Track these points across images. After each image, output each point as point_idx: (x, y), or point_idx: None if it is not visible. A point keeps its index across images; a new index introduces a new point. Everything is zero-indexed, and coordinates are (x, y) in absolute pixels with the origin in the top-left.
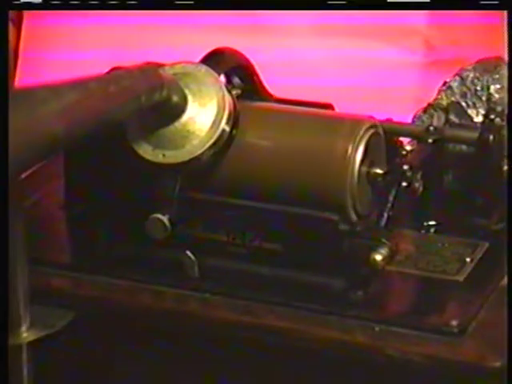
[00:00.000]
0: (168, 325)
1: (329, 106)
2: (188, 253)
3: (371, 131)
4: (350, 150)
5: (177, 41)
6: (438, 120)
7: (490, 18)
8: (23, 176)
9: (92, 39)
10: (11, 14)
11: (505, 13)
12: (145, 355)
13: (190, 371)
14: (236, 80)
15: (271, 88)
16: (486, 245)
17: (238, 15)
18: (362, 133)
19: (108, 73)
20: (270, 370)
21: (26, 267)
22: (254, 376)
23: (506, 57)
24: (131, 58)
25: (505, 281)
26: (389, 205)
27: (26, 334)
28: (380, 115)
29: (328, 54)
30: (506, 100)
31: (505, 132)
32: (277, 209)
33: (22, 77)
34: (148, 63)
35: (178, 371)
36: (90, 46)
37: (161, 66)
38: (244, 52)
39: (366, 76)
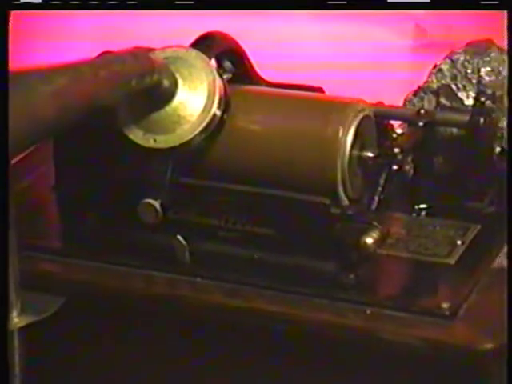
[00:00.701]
0: (159, 309)
1: (319, 90)
2: (179, 237)
3: (362, 114)
4: (340, 134)
5: (167, 25)
6: (428, 103)
7: None
8: (13, 160)
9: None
10: None
11: (505, 13)
12: (136, 340)
13: (182, 355)
14: (227, 64)
15: (263, 69)
16: (478, 227)
17: None
18: (352, 116)
19: (98, 57)
20: (261, 354)
21: (16, 253)
22: (245, 360)
23: (499, 44)
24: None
25: (497, 262)
26: (380, 188)
27: (16, 320)
28: (370, 98)
29: (319, 38)
30: (497, 84)
31: (495, 114)
32: (268, 193)
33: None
34: (138, 47)
35: (169, 355)
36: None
37: (151, 50)
38: (238, 34)
39: (357, 59)
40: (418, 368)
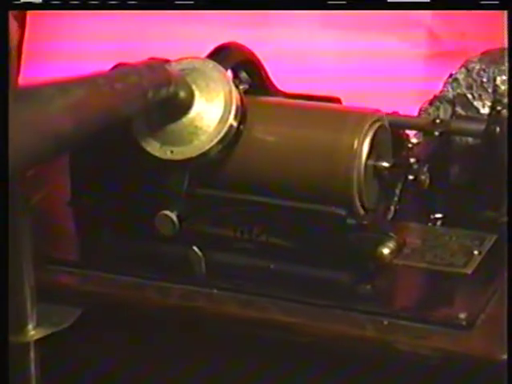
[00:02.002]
0: (175, 321)
1: (336, 100)
2: (195, 248)
3: (377, 124)
4: (356, 144)
5: (178, 33)
6: (444, 112)
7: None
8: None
9: (94, 32)
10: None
11: (505, 13)
12: (152, 351)
13: (197, 366)
14: (243, 75)
15: (274, 79)
16: (494, 237)
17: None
18: (368, 126)
19: (112, 69)
20: (277, 365)
21: (32, 265)
22: (261, 371)
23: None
24: (134, 50)
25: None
26: (395, 198)
27: (33, 332)
28: (385, 108)
29: (332, 46)
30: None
31: None
32: (284, 204)
33: (26, 69)
34: (153, 59)
35: (185, 367)
36: (93, 38)
37: (167, 61)
38: (246, 43)
39: (371, 68)
40: (436, 379)
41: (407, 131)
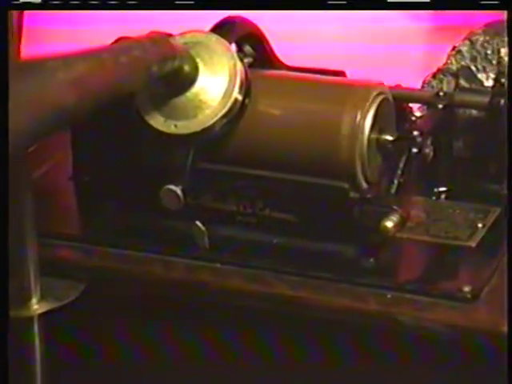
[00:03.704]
0: (179, 295)
1: (341, 73)
2: (198, 223)
3: (380, 98)
4: (359, 117)
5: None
6: (447, 85)
7: None
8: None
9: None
10: None
11: (505, 13)
12: (156, 326)
13: (202, 341)
14: (247, 48)
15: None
16: (498, 210)
17: None
18: (371, 99)
19: (115, 43)
20: (282, 340)
21: (36, 239)
22: (266, 345)
23: None
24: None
25: None
26: (399, 171)
27: (36, 306)
28: (389, 81)
29: (334, 19)
30: None
31: None
32: (287, 177)
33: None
34: (155, 32)
35: (189, 341)
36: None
37: (170, 35)
38: (253, 21)
39: (374, 42)
40: (440, 352)
41: (410, 104)
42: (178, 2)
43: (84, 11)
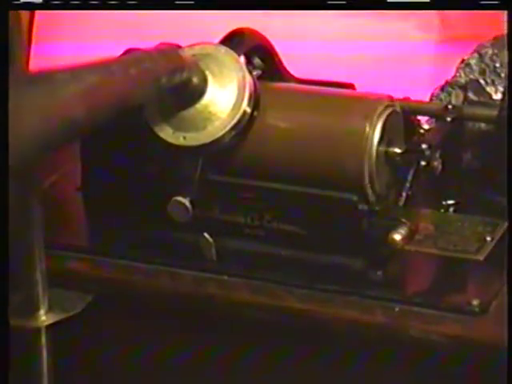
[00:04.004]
0: (186, 307)
1: (350, 86)
2: (205, 235)
3: (389, 110)
4: (367, 130)
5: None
6: (456, 98)
7: None
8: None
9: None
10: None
11: (505, 13)
12: (163, 338)
13: (209, 353)
14: (256, 61)
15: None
16: (507, 223)
17: None
18: (379, 112)
19: (124, 54)
20: (289, 352)
21: (44, 250)
22: (273, 358)
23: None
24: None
25: None
26: (407, 184)
27: (44, 318)
28: (397, 93)
29: (343, 29)
30: None
31: None
32: (295, 190)
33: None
34: (165, 44)
35: (196, 353)
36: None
37: (179, 47)
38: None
39: (382, 53)
40: (448, 365)
41: (419, 117)
42: (178, 2)
43: (85, 11)
